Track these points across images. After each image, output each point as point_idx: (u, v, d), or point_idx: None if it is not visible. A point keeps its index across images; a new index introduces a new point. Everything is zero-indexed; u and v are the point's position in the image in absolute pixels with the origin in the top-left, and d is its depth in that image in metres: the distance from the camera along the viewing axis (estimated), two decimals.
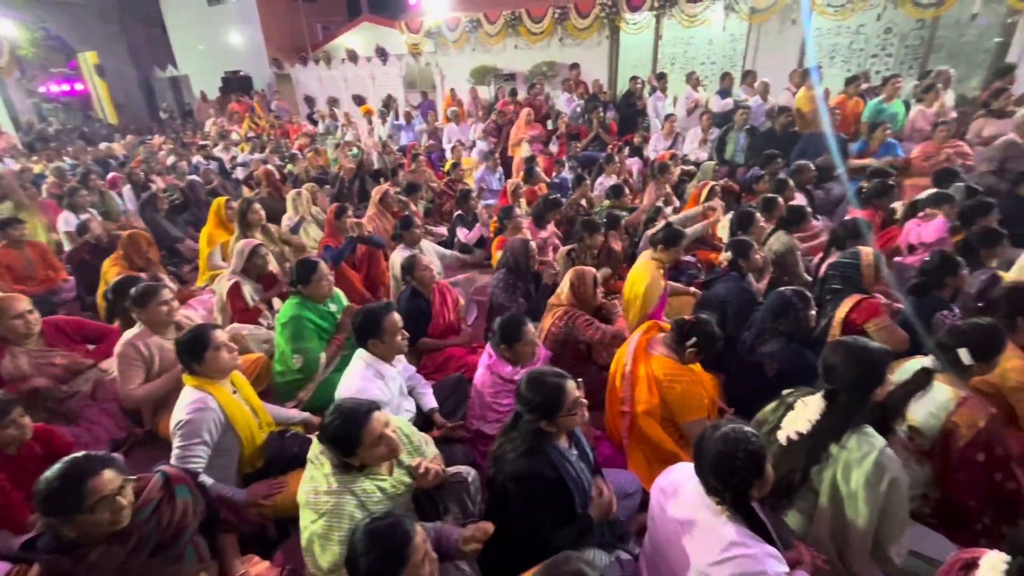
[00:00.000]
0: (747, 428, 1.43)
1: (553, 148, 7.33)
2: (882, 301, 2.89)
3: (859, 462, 1.65)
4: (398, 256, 3.45)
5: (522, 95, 8.68)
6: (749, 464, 1.37)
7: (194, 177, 6.38)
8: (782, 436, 1.84)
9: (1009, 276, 3.22)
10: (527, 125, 7.39)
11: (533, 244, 3.04)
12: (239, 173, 7.49)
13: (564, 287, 2.62)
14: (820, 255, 3.76)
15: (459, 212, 4.96)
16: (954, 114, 5.53)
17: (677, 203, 4.96)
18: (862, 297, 2.84)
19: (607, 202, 4.87)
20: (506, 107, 7.97)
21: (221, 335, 2.09)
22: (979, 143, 5.03)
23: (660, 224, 3.84)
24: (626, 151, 6.45)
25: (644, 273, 3.22)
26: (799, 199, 4.62)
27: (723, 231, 3.76)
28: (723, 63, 9.10)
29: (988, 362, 1.87)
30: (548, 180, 5.99)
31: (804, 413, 1.80)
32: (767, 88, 6.35)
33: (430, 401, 2.47)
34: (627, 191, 4.99)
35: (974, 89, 6.76)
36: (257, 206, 4.04)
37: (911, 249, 3.85)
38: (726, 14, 8.09)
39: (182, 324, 2.58)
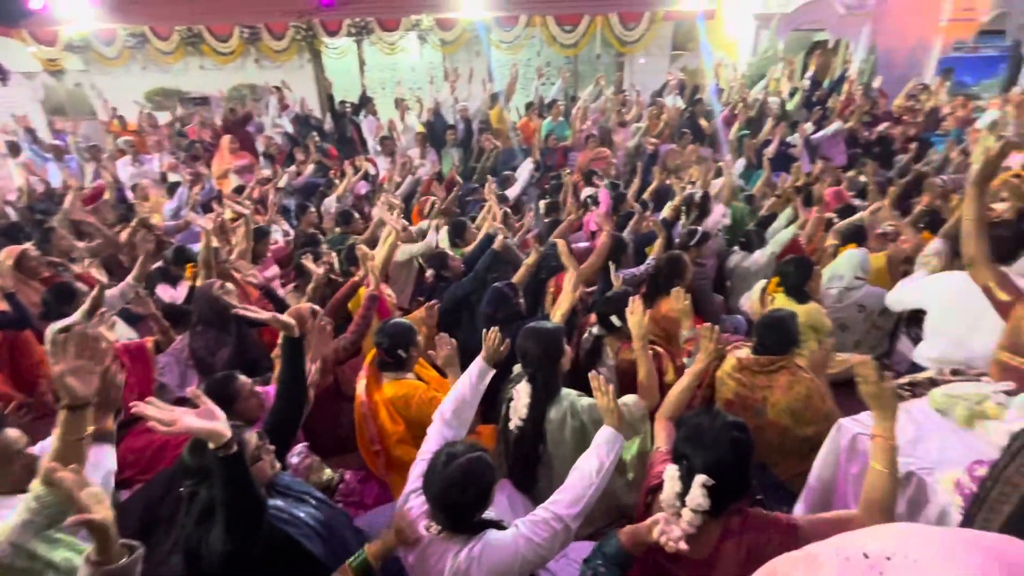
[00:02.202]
0: (481, 457, 1.43)
1: (267, 173, 6.69)
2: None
3: (564, 422, 1.95)
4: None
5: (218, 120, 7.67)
6: (477, 498, 1.40)
7: None
8: (512, 426, 2.05)
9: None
10: (232, 154, 6.56)
11: (230, 285, 2.65)
12: None
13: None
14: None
15: (159, 265, 4.01)
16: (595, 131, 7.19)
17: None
18: (559, 275, 3.45)
19: (337, 230, 4.69)
20: (200, 134, 6.92)
21: None
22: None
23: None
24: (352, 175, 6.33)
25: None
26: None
27: (444, 242, 4.03)
28: (428, 88, 9.83)
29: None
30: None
31: (520, 401, 2.02)
32: (466, 111, 7.12)
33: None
34: (357, 215, 4.90)
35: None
36: None
37: (592, 235, 4.85)
38: (420, 44, 8.75)
39: None
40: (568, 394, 2.02)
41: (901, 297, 2.77)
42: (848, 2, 8.01)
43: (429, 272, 3.62)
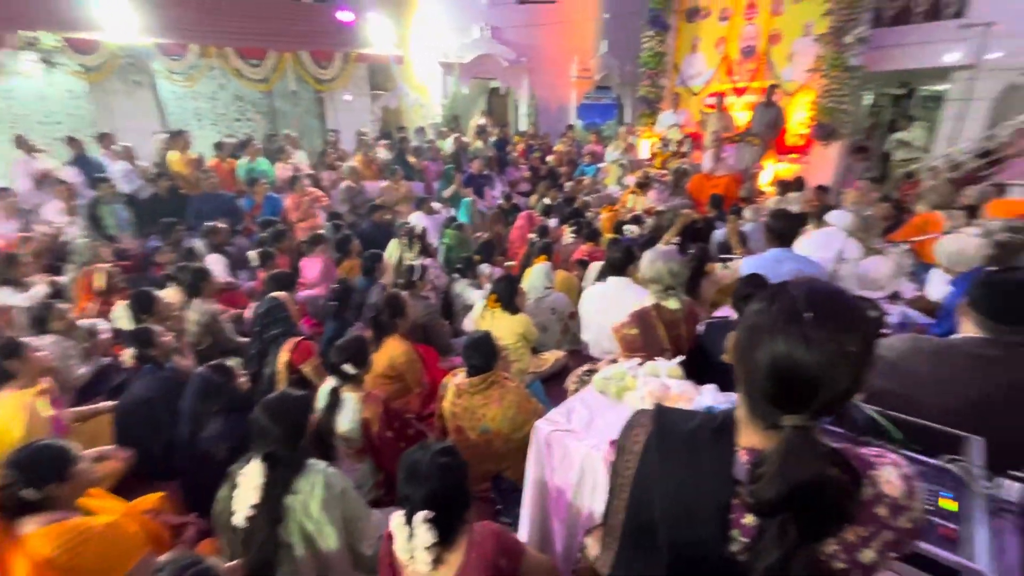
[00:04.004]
0: (205, 564, 1.26)
1: None
2: (314, 345, 3.29)
3: (312, 495, 1.79)
4: None
5: None
6: None
7: None
8: (239, 519, 1.76)
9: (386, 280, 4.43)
10: None
11: None
12: None
13: None
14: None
15: None
16: (309, 169, 6.91)
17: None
18: (297, 340, 3.14)
19: None
20: None
21: None
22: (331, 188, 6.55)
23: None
24: None
25: (17, 413, 2.35)
26: (214, 260, 4.60)
27: (122, 321, 3.22)
28: (71, 122, 7.72)
29: (365, 365, 2.41)
30: None
31: (249, 484, 1.77)
32: (130, 152, 5.84)
33: None
34: None
35: (319, 147, 8.67)
36: None
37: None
38: (46, 68, 6.80)
39: None
40: (315, 463, 1.86)
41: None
42: (508, 57, 9.74)
43: (127, 353, 2.82)
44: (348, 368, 2.36)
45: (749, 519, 0.76)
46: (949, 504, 1.21)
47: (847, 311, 0.71)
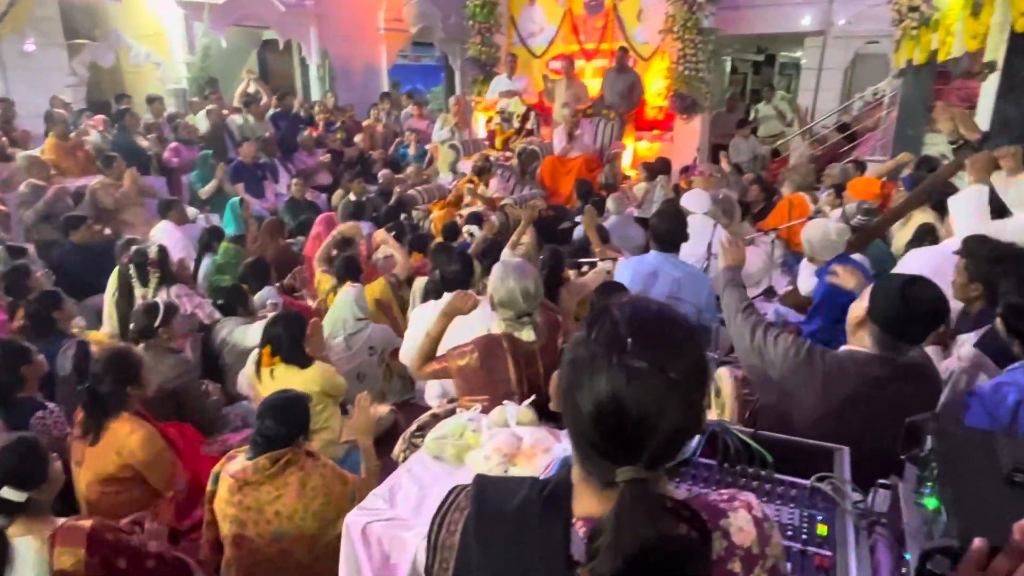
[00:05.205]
0: None
1: None
2: None
3: None
4: None
5: None
6: None
7: None
8: None
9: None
10: None
11: None
12: None
13: None
14: None
15: None
16: None
17: None
18: None
19: None
20: None
21: None
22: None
23: None
24: None
25: None
26: None
27: None
28: None
29: (43, 481, 2.10)
30: None
31: None
32: None
33: None
34: None
35: None
36: None
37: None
38: None
39: None
40: None
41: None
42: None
43: None
44: (10, 494, 2.00)
45: None
46: (822, 529, 1.44)
47: (672, 333, 0.80)
